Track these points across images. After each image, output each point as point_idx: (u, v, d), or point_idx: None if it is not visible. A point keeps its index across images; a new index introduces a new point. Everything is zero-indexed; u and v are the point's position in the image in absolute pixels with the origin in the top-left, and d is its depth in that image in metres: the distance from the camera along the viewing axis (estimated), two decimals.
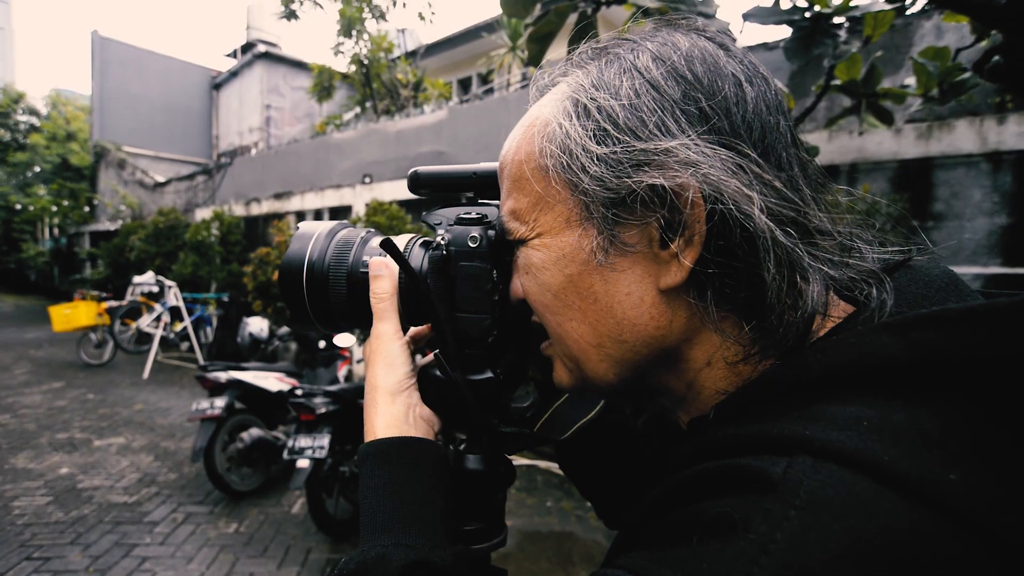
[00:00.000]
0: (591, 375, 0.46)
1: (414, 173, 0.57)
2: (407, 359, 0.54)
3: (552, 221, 0.44)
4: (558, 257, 0.44)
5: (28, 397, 6.50)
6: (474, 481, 0.55)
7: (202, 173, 12.47)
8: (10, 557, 3.14)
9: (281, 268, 0.56)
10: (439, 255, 0.51)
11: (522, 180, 0.46)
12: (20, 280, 21.74)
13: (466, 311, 0.51)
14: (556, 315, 0.45)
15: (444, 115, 7.28)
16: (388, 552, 0.43)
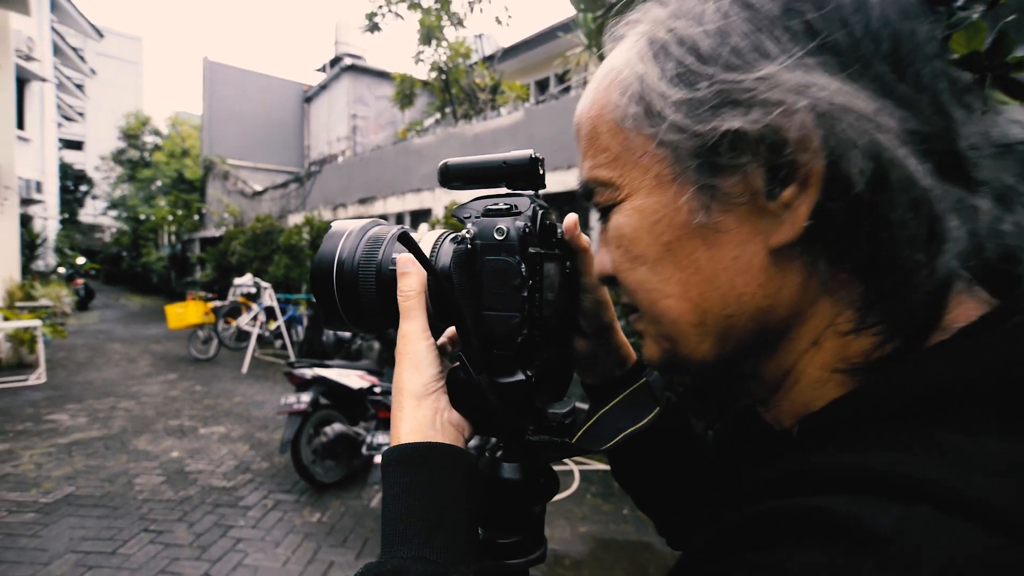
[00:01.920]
0: (687, 354, 0.40)
1: (444, 165, 0.53)
2: (434, 360, 0.50)
3: (639, 180, 0.39)
4: (652, 223, 0.38)
5: (148, 387, 7.22)
6: (510, 491, 0.51)
7: (294, 181, 13.30)
8: (132, 527, 3.50)
9: (312, 268, 0.55)
10: (463, 249, 0.48)
11: (598, 138, 0.41)
12: (145, 282, 24.20)
13: (493, 308, 0.47)
14: (651, 292, 0.40)
15: (520, 116, 7.31)
16: (407, 566, 0.39)
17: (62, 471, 4.38)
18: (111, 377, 7.76)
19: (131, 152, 25.43)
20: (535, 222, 0.48)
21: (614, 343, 0.60)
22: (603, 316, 0.58)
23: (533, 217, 0.48)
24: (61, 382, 7.37)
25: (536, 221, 0.48)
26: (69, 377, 7.69)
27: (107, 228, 31.45)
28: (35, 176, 14.10)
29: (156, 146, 24.73)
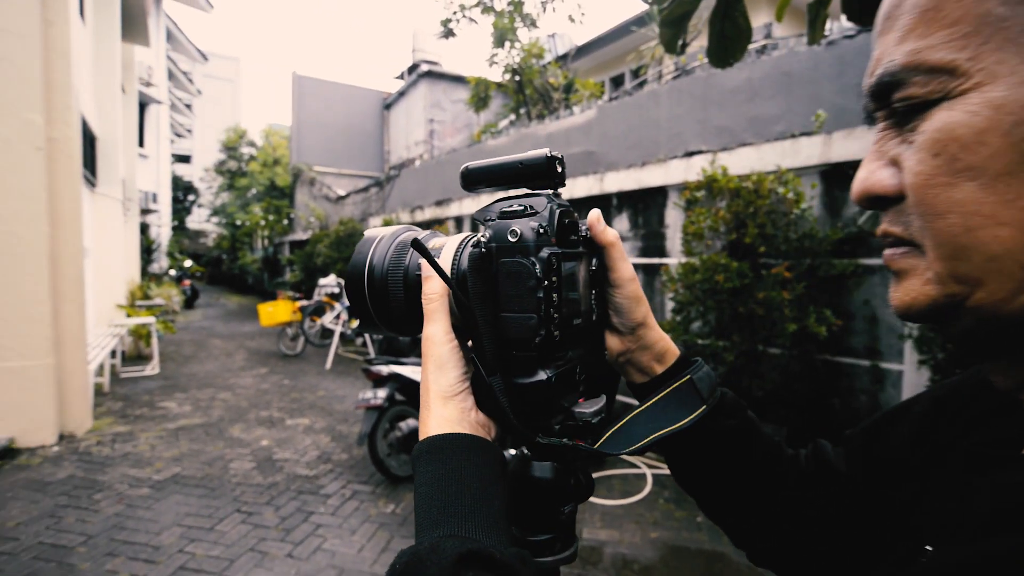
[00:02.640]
0: (991, 303, 0.32)
1: (465, 169, 0.54)
2: (459, 362, 0.50)
3: (1008, 64, 0.29)
4: (1015, 122, 0.29)
5: (243, 379, 7.77)
6: (540, 490, 0.50)
7: (375, 185, 13.85)
8: (227, 508, 3.78)
9: (345, 274, 0.57)
10: (478, 252, 0.48)
11: (943, 7, 0.31)
12: (241, 283, 26.06)
13: (510, 310, 0.47)
14: (972, 215, 0.31)
15: (593, 114, 7.22)
16: (442, 544, 0.39)
17: (171, 453, 4.80)
18: (212, 370, 8.43)
19: (230, 163, 27.51)
20: (552, 222, 0.47)
21: (650, 339, 0.57)
22: (636, 312, 0.55)
23: (550, 217, 0.47)
24: (171, 373, 8.09)
25: (553, 221, 0.47)
26: (177, 369, 8.42)
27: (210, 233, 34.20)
28: (152, 188, 15.58)
29: (251, 157, 26.60)
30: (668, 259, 5.56)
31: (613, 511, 3.79)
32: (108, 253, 8.93)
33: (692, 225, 4.52)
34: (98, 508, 3.75)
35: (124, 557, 3.16)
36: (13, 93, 4.75)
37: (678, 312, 4.53)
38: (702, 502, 0.62)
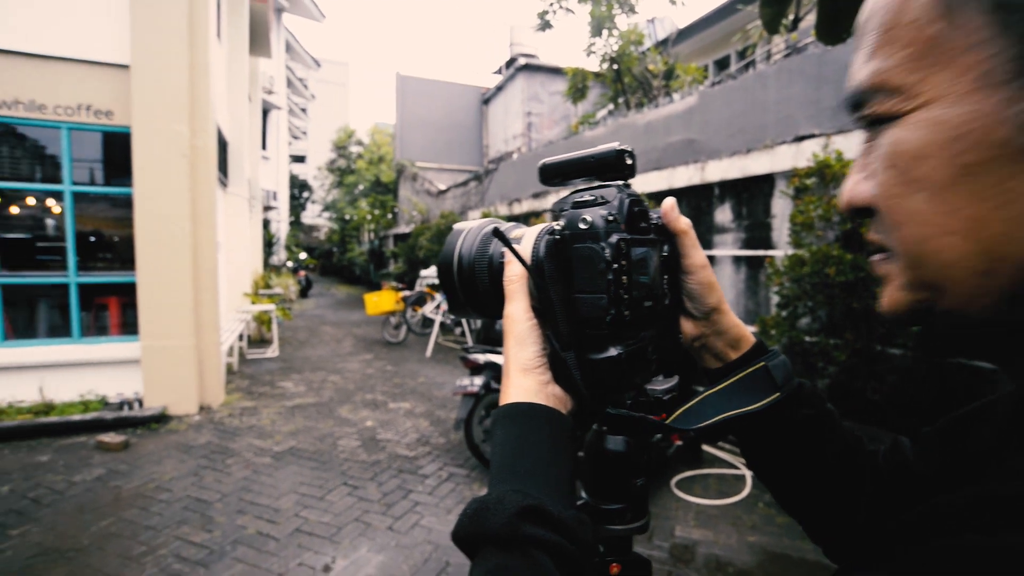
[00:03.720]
0: (955, 308, 0.34)
1: (542, 165, 0.58)
2: (537, 338, 0.54)
3: (949, 83, 0.31)
4: (952, 138, 0.31)
5: (350, 364, 8.33)
6: (613, 462, 0.54)
7: (474, 179, 14.20)
8: (335, 480, 4.10)
9: (437, 262, 0.63)
10: (553, 240, 0.53)
11: (900, 27, 0.33)
12: (349, 274, 27.82)
13: (583, 291, 0.51)
14: (923, 225, 0.33)
15: (694, 100, 6.93)
16: (506, 496, 0.43)
17: (288, 428, 5.28)
18: (323, 354, 9.11)
19: (340, 161, 29.43)
20: (621, 210, 0.51)
21: (724, 324, 0.58)
22: (709, 297, 0.57)
23: (619, 206, 0.51)
24: (288, 356, 8.85)
25: (623, 209, 0.51)
26: (294, 352, 9.20)
27: (322, 228, 36.82)
28: (272, 187, 17.03)
29: (358, 155, 28.26)
30: (774, 251, 5.24)
31: (708, 511, 3.67)
32: (236, 246, 9.90)
33: (801, 215, 4.23)
34: (230, 471, 4.22)
35: (251, 515, 3.54)
36: (165, 108, 5.41)
37: (783, 307, 4.27)
38: (776, 493, 0.62)
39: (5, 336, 5.48)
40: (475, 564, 0.42)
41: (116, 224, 5.94)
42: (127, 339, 5.76)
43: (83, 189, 5.67)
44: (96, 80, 5.41)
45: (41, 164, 5.65)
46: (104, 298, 5.92)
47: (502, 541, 0.41)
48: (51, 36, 5.23)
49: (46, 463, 4.35)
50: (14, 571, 2.95)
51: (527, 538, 0.41)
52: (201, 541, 3.23)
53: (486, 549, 0.42)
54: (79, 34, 5.30)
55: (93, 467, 4.27)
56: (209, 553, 3.11)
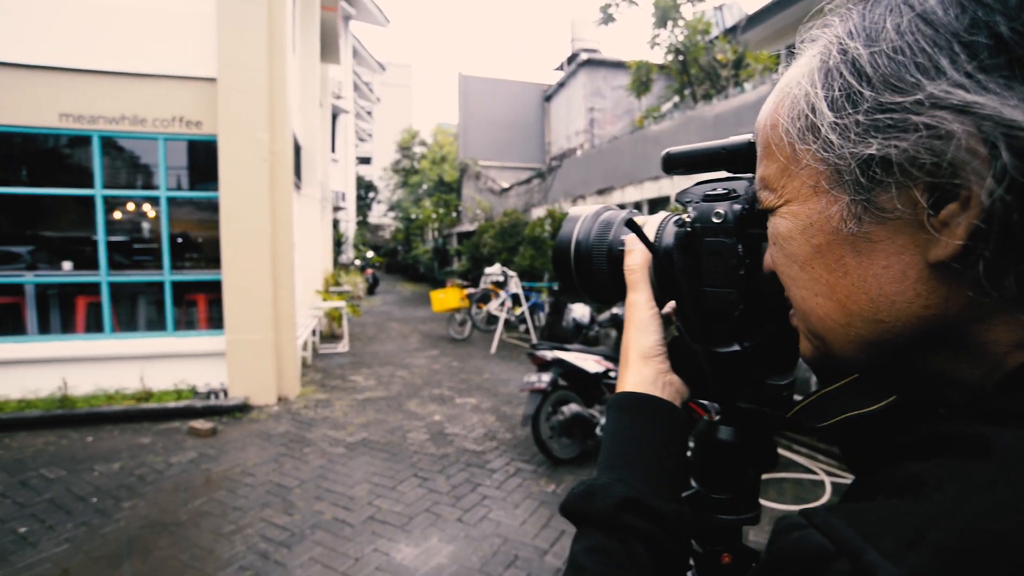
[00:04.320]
0: (837, 354, 0.42)
1: (666, 154, 0.58)
2: (658, 327, 0.56)
3: (798, 188, 0.41)
4: (804, 226, 0.40)
5: (417, 360, 8.54)
6: (724, 452, 0.55)
7: (537, 177, 14.21)
8: (405, 472, 4.23)
9: (553, 247, 0.64)
10: (683, 232, 0.53)
11: (769, 148, 0.44)
12: (414, 272, 28.52)
13: (712, 285, 0.51)
14: (801, 289, 0.42)
15: (767, 90, 6.64)
16: (612, 483, 0.48)
17: (360, 420, 5.48)
18: (390, 350, 9.40)
19: (404, 162, 30.20)
20: (753, 204, 0.50)
21: None
22: None
23: (751, 200, 0.50)
24: (357, 351, 9.18)
25: (754, 204, 0.50)
26: (362, 348, 9.53)
27: (387, 227, 37.94)
28: (341, 188, 17.70)
29: (422, 155, 28.91)
30: None
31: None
32: (309, 246, 10.36)
33: None
34: (307, 460, 4.43)
35: (327, 502, 3.71)
36: (248, 117, 5.75)
37: None
38: None
39: (112, 329, 6.00)
40: (576, 538, 0.48)
41: (200, 226, 6.39)
42: (213, 333, 6.16)
43: (176, 194, 6.11)
44: (188, 93, 5.82)
45: (139, 172, 6.15)
46: (193, 295, 6.36)
47: (603, 525, 0.46)
48: (150, 56, 5.69)
49: (147, 445, 4.73)
50: (128, 539, 3.24)
51: (627, 527, 0.45)
52: (283, 524, 3.41)
53: (588, 528, 0.47)
54: (174, 53, 5.73)
55: (186, 450, 4.60)
56: (291, 535, 3.28)
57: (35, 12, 5.42)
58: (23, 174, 5.92)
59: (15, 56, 5.41)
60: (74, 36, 5.51)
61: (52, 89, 5.53)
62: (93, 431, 5.08)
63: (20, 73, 5.45)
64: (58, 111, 5.57)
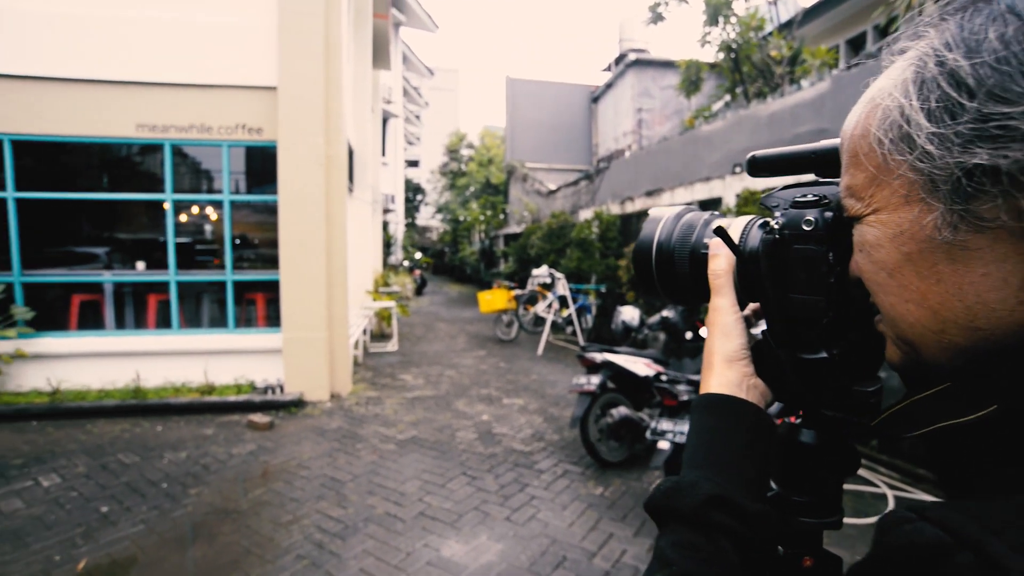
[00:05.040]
0: (928, 360, 0.43)
1: (751, 157, 0.58)
2: (742, 331, 0.56)
3: (888, 197, 0.41)
4: (895, 234, 0.41)
5: (464, 360, 8.64)
6: (805, 455, 0.55)
7: (584, 179, 14.13)
8: (454, 470, 4.29)
9: (634, 248, 0.65)
10: (771, 239, 0.52)
11: (857, 157, 0.44)
12: (461, 273, 28.86)
13: (800, 292, 0.51)
14: (889, 295, 0.43)
15: (826, 87, 6.39)
16: (700, 481, 0.48)
17: (410, 418, 5.59)
18: (438, 350, 9.54)
19: (452, 165, 30.60)
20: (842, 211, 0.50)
21: None
22: None
23: (842, 206, 0.49)
24: (406, 351, 9.37)
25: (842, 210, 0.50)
26: (411, 347, 9.72)
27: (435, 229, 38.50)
28: (391, 191, 18.08)
29: (470, 158, 29.21)
30: None
31: (843, 529, 3.37)
32: (360, 247, 10.63)
33: None
34: (359, 455, 4.55)
35: (379, 497, 3.80)
36: (305, 123, 5.98)
37: None
38: None
39: (179, 325, 6.34)
40: (662, 534, 0.48)
41: (257, 228, 6.68)
42: (271, 331, 6.41)
43: (238, 198, 6.40)
44: (250, 102, 6.10)
45: (204, 177, 6.49)
46: (252, 294, 6.64)
47: (690, 521, 0.47)
48: (217, 68, 6.01)
49: (211, 436, 4.98)
50: (195, 523, 3.43)
51: (714, 524, 0.46)
52: (337, 516, 3.52)
53: (674, 524, 0.48)
54: (238, 64, 6.04)
55: (246, 443, 4.81)
56: (344, 528, 3.38)
57: (115, 32, 5.82)
58: (104, 181, 6.34)
59: (97, 73, 5.84)
60: (149, 52, 5.89)
61: (129, 102, 5.93)
62: (162, 421, 5.38)
63: (102, 88, 5.88)
64: (135, 122, 5.96)
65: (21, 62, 5.72)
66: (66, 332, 6.20)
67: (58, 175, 6.19)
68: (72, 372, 6.05)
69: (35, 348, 5.93)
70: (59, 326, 6.20)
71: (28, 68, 5.73)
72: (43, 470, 4.20)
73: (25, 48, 5.70)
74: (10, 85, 5.74)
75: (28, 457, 4.44)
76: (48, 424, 5.26)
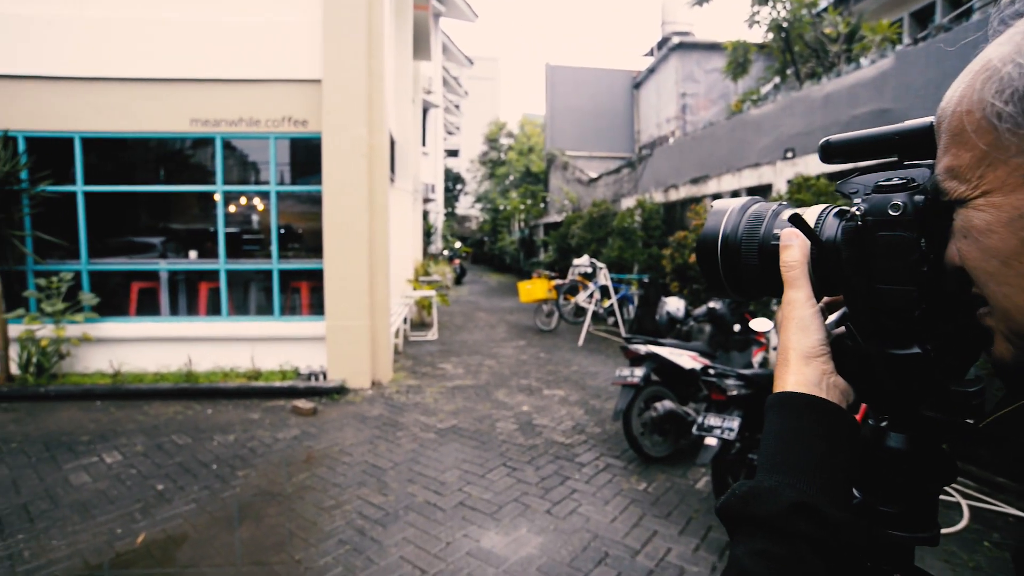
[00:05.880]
0: None
1: (825, 142, 0.54)
2: (820, 326, 0.53)
3: (1004, 177, 0.38)
4: (1011, 218, 0.38)
5: (504, 350, 8.63)
6: (894, 461, 0.51)
7: (626, 166, 13.86)
8: (494, 460, 4.28)
9: (698, 241, 0.62)
10: (853, 226, 0.49)
11: (964, 134, 0.40)
12: (500, 263, 28.89)
13: (887, 282, 0.48)
14: (1003, 285, 0.40)
15: (888, 64, 6.02)
16: (781, 488, 0.45)
17: (450, 407, 5.62)
18: (478, 339, 9.56)
19: (491, 154, 30.55)
20: (936, 195, 0.46)
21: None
22: None
23: (933, 190, 0.46)
24: (446, 339, 9.43)
25: (937, 194, 0.46)
26: (451, 336, 9.77)
27: (474, 218, 38.64)
28: (431, 181, 18.20)
29: (509, 146, 29.10)
30: None
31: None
32: (401, 236, 10.74)
33: None
34: (400, 443, 4.60)
35: (419, 485, 3.83)
36: (349, 114, 6.04)
37: None
38: None
39: (228, 312, 6.55)
40: (737, 541, 0.46)
41: (301, 218, 6.84)
42: (315, 319, 6.54)
43: (284, 188, 6.53)
44: (295, 95, 6.22)
45: (251, 169, 6.65)
46: (297, 282, 6.79)
47: (771, 529, 0.44)
48: (264, 63, 6.16)
49: (257, 420, 5.12)
50: (243, 505, 3.53)
51: (797, 533, 0.43)
52: (378, 503, 3.56)
53: (751, 530, 0.45)
54: (284, 59, 6.17)
55: (290, 428, 4.93)
56: (385, 515, 3.42)
57: (171, 33, 6.07)
58: (160, 174, 6.59)
59: (156, 72, 6.11)
60: (202, 51, 6.10)
61: (184, 98, 6.17)
62: (212, 404, 5.57)
63: (160, 86, 6.14)
64: (189, 117, 6.19)
65: (90, 65, 6.05)
66: (126, 317, 6.49)
67: (119, 169, 6.50)
68: (131, 355, 6.34)
69: (99, 332, 6.24)
70: (120, 312, 6.50)
71: (96, 70, 6.06)
72: (106, 447, 4.41)
73: (93, 51, 6.01)
74: (81, 87, 6.09)
75: (93, 435, 4.68)
76: (110, 404, 5.53)
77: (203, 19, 6.09)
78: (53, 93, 6.07)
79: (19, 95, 6.04)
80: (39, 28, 5.96)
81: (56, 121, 6.13)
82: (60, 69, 6.02)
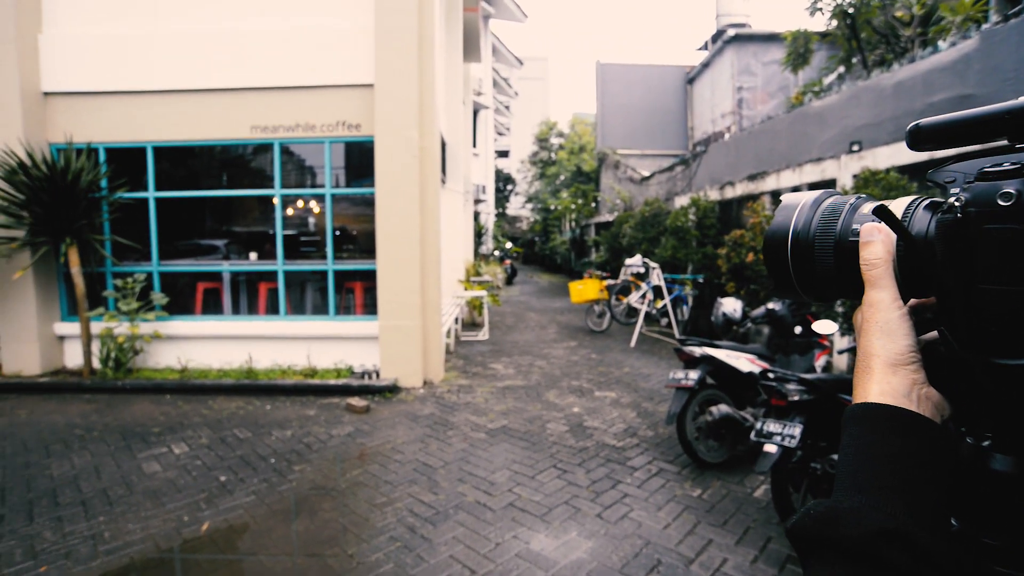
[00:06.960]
0: None
1: (915, 126, 0.48)
2: (909, 330, 0.47)
3: None
4: None
5: (555, 350, 8.57)
6: (1000, 485, 0.44)
7: (680, 164, 13.52)
8: (544, 462, 4.24)
9: (765, 239, 0.57)
10: (950, 218, 0.43)
11: None
12: (551, 263, 28.81)
13: (993, 283, 0.42)
14: None
15: (972, 45, 5.58)
16: (863, 510, 0.40)
17: (500, 407, 5.61)
18: (529, 339, 9.53)
19: (542, 154, 30.51)
20: None
21: None
22: None
23: None
24: (497, 339, 9.45)
25: None
26: (502, 336, 9.79)
27: (524, 218, 38.70)
28: (481, 181, 18.33)
29: (560, 146, 28.97)
30: None
31: None
32: (452, 237, 10.84)
33: None
34: (450, 442, 4.62)
35: (469, 485, 3.83)
36: (400, 117, 6.15)
37: None
38: None
39: (286, 312, 6.79)
40: (813, 566, 0.41)
41: (353, 219, 7.00)
42: (368, 318, 6.69)
43: (339, 191, 6.71)
44: (349, 100, 6.39)
45: (307, 173, 6.88)
46: (351, 283, 6.96)
47: (855, 556, 0.39)
48: (319, 69, 6.37)
49: (312, 416, 5.27)
50: (299, 498, 3.63)
51: (886, 562, 0.38)
52: (429, 501, 3.58)
53: (831, 557, 0.40)
54: (338, 65, 6.36)
55: (344, 424, 5.05)
56: (435, 513, 3.43)
57: (233, 44, 6.38)
58: (223, 179, 6.91)
59: (219, 82, 6.44)
60: (261, 60, 6.38)
61: (245, 106, 6.46)
62: (271, 400, 5.78)
63: (222, 96, 6.47)
64: (250, 124, 6.48)
65: (163, 78, 6.46)
66: (193, 316, 6.84)
67: (186, 176, 6.87)
68: (196, 352, 6.67)
69: (168, 330, 6.60)
70: (187, 311, 6.86)
71: (167, 83, 6.47)
72: (175, 439, 4.65)
73: (165, 65, 6.42)
74: (154, 99, 6.51)
75: (163, 427, 4.94)
76: (178, 398, 5.83)
77: (262, 30, 6.35)
78: (130, 106, 6.49)
79: (101, 109, 6.49)
80: (120, 46, 6.40)
81: (131, 132, 6.53)
82: (138, 84, 6.44)
